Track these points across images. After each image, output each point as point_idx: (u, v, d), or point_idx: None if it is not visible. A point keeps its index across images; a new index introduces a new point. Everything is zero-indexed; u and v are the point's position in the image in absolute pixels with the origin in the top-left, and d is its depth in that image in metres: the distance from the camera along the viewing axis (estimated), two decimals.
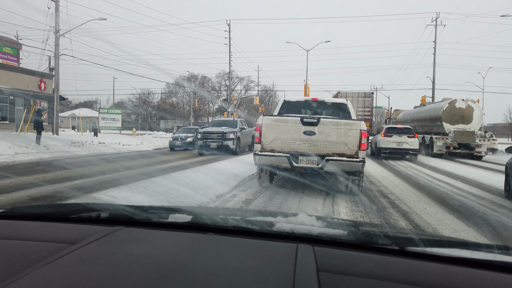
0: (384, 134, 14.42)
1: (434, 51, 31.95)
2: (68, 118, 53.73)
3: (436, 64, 31.97)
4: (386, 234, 0.94)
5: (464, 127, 15.24)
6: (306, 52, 32.93)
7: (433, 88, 32.07)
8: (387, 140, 14.28)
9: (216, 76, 60.26)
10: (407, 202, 5.70)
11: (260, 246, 0.83)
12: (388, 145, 14.22)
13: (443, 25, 31.77)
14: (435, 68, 32.02)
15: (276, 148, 5.81)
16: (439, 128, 16.22)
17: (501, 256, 0.83)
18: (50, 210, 1.18)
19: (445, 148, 15.42)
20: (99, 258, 0.73)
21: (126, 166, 9.62)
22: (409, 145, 14.07)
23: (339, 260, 0.77)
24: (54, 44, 19.22)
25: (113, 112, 31.41)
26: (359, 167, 5.60)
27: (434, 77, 31.99)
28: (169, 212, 1.05)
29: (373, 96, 22.30)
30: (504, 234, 3.96)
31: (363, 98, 20.78)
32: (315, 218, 1.06)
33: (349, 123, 5.72)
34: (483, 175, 9.45)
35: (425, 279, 0.69)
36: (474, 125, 15.33)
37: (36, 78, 22.57)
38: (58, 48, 19.32)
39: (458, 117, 15.42)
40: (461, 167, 11.74)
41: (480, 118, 15.52)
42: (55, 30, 19.07)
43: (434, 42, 32.02)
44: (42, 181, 6.77)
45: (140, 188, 5.26)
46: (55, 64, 19.78)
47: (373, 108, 25.51)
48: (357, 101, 20.44)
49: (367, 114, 20.68)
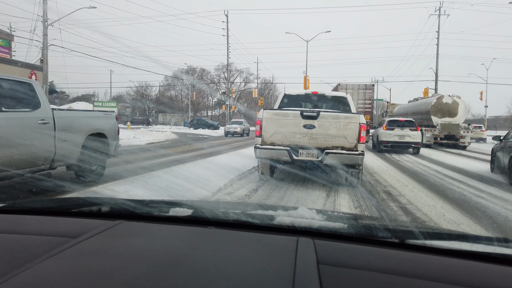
0: (385, 127, 14.42)
1: (437, 42, 31.69)
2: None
3: (439, 55, 31.71)
4: (386, 227, 0.95)
5: (450, 120, 17.12)
6: (306, 43, 32.69)
7: (436, 79, 31.88)
8: (389, 133, 14.23)
9: (215, 69, 60.10)
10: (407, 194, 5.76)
11: (260, 240, 0.84)
12: (390, 138, 14.16)
13: (447, 15, 31.48)
14: (438, 59, 31.78)
15: (276, 142, 5.90)
16: (429, 121, 18.04)
17: (501, 249, 0.84)
18: (52, 205, 1.19)
19: (433, 139, 17.22)
20: (100, 252, 0.74)
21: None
22: (412, 138, 13.96)
23: (340, 253, 0.78)
24: (42, 34, 18.76)
25: (108, 105, 31.17)
26: (358, 160, 5.71)
27: (437, 69, 31.77)
28: (170, 206, 1.05)
29: (374, 88, 21.67)
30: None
31: (363, 90, 20.48)
32: (315, 212, 1.07)
33: (348, 117, 5.80)
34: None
35: (425, 272, 0.70)
36: (459, 118, 17.29)
37: (26, 70, 21.93)
38: (46, 38, 18.86)
39: (444, 111, 17.27)
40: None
41: (464, 112, 17.51)
42: (43, 19, 18.63)
43: (437, 32, 31.70)
44: None
45: (141, 182, 5.28)
46: (43, 55, 19.27)
47: (374, 100, 25.32)
48: (357, 94, 20.18)
49: (368, 107, 20.39)
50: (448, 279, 0.68)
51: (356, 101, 19.55)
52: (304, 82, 30.05)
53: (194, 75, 58.05)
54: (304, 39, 32.74)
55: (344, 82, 21.26)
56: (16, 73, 21.41)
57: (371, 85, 21.54)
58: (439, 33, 31.62)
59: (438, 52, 31.66)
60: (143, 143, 17.33)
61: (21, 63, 22.18)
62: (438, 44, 31.64)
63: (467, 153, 15.31)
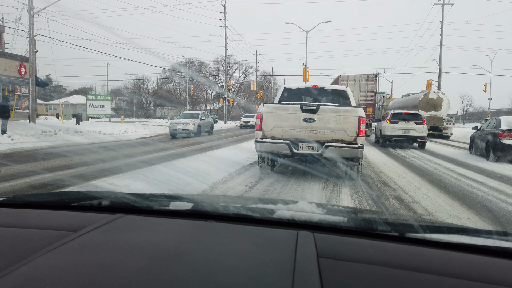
0: (389, 120, 13.80)
1: (441, 32, 31.18)
2: (62, 106, 53.32)
3: (443, 46, 31.28)
4: (386, 221, 0.96)
5: (435, 114, 19.57)
6: (306, 34, 32.38)
7: (439, 71, 31.54)
8: (393, 127, 13.60)
9: (214, 61, 59.66)
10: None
11: (260, 233, 0.85)
12: (394, 132, 13.56)
13: (451, 4, 31.00)
14: (442, 50, 31.38)
15: (276, 135, 5.98)
16: None
17: (500, 242, 0.85)
18: (52, 198, 1.21)
19: None
20: (101, 245, 0.75)
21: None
22: (417, 132, 13.37)
23: (339, 246, 0.79)
24: (28, 23, 18.20)
25: (101, 98, 30.68)
26: (357, 153, 5.78)
27: (440, 60, 31.37)
28: (170, 199, 1.06)
29: (377, 80, 20.90)
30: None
31: (365, 81, 19.91)
32: (315, 205, 1.08)
33: (348, 110, 5.86)
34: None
35: (424, 265, 0.71)
36: (443, 112, 19.83)
37: (16, 62, 21.07)
38: (32, 28, 18.33)
39: (430, 105, 19.75)
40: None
41: (447, 106, 20.03)
42: (29, 8, 18.15)
43: (441, 22, 31.25)
44: None
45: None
46: (29, 45, 18.69)
47: (376, 93, 24.92)
48: (359, 85, 19.73)
49: (370, 99, 19.88)
50: (448, 272, 0.69)
51: (357, 93, 19.27)
52: (304, 74, 29.75)
53: (193, 68, 57.78)
54: (304, 29, 32.44)
55: (345, 74, 20.49)
56: (2, 65, 20.15)
57: (374, 76, 20.66)
58: (443, 23, 31.22)
59: (442, 43, 31.27)
60: (134, 138, 16.71)
61: (9, 55, 21.25)
62: (442, 35, 31.09)
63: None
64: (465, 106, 70.94)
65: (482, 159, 10.19)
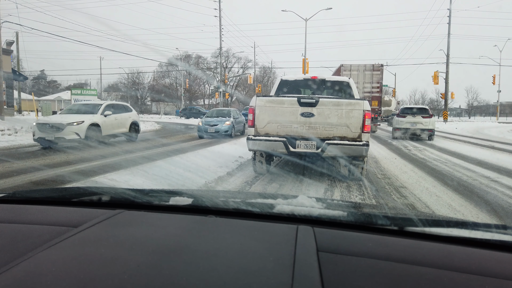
0: (398, 114, 15.37)
1: (449, 20, 30.78)
2: (54, 101, 53.15)
3: (450, 35, 30.87)
4: (385, 215, 0.99)
5: (387, 109, 30.15)
6: (305, 22, 32.10)
7: (447, 61, 31.17)
8: (401, 120, 15.16)
9: (212, 55, 59.36)
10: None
11: (260, 228, 0.88)
12: (402, 125, 15.10)
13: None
14: (450, 40, 31.01)
15: (271, 132, 5.56)
16: (378, 110, 25.44)
17: (499, 235, 0.88)
18: (52, 194, 1.24)
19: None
20: (101, 240, 0.78)
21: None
22: (424, 125, 14.75)
23: (339, 240, 0.81)
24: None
25: (87, 93, 29.95)
26: (362, 151, 5.36)
27: (448, 50, 30.99)
28: (170, 195, 1.09)
29: (383, 70, 18.83)
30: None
31: (370, 71, 18.24)
32: (315, 200, 1.10)
33: (351, 103, 5.44)
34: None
35: (424, 258, 0.74)
36: (392, 107, 31.27)
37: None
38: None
39: (385, 103, 29.09)
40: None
41: (395, 104, 32.85)
42: None
43: (449, 10, 30.91)
44: None
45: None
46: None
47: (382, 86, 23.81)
48: (363, 76, 18.24)
49: (376, 91, 18.29)
50: (447, 266, 0.71)
51: (362, 84, 17.99)
52: (303, 66, 29.41)
53: (189, 62, 57.47)
54: (303, 17, 32.03)
55: (348, 63, 18.76)
56: None
57: (380, 66, 18.71)
58: (451, 10, 30.85)
59: (450, 32, 30.86)
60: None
61: None
62: (450, 23, 30.65)
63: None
64: (471, 99, 69.45)
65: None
